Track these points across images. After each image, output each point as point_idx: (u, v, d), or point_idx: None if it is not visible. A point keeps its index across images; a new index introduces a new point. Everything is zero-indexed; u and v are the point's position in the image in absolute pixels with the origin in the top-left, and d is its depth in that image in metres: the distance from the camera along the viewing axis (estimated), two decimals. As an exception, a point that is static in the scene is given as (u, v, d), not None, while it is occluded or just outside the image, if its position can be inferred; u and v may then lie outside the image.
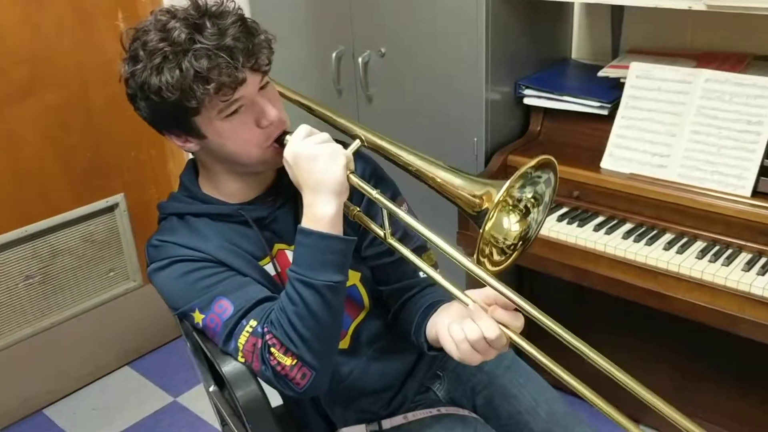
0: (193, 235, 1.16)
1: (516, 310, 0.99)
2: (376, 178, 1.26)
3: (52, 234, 2.31)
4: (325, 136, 1.09)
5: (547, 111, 2.06)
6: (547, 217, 1.03)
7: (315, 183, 1.06)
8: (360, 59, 2.17)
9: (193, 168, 1.24)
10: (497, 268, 1.02)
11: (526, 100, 2.06)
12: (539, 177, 1.00)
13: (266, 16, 2.44)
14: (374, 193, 1.08)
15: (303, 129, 1.09)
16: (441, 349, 1.09)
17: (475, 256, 0.97)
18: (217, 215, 1.18)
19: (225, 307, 1.11)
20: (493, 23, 1.90)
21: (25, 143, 2.19)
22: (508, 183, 0.94)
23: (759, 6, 1.52)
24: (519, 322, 0.99)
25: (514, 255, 1.03)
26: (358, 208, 1.15)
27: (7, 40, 2.08)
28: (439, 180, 1.05)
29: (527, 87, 2.05)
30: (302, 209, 1.09)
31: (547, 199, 1.02)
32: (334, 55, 2.24)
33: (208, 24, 1.04)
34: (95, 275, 2.47)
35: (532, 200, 1.02)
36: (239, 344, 1.10)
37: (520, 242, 1.03)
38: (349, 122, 1.17)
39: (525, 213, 1.03)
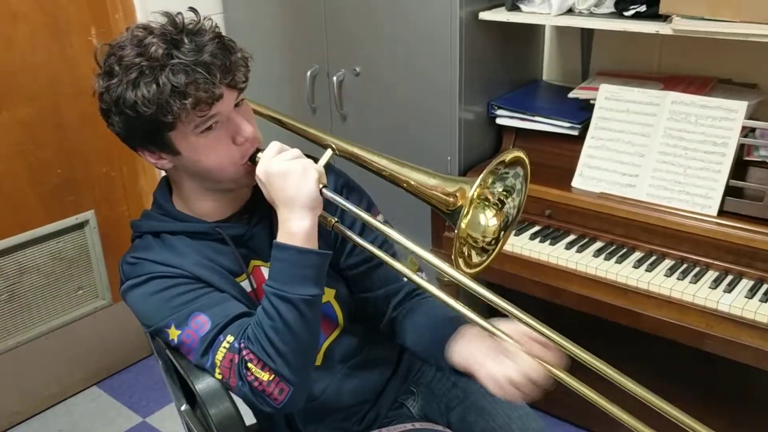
0: (169, 252, 1.16)
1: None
2: (348, 190, 1.28)
3: (20, 251, 2.27)
4: (296, 152, 1.10)
5: (519, 131, 2.09)
6: (516, 229, 1.07)
7: (288, 199, 1.06)
8: (335, 78, 2.19)
9: (167, 186, 1.24)
10: (475, 270, 1.03)
11: (499, 120, 2.09)
12: (506, 173, 1.03)
13: (240, 34, 2.46)
14: (348, 205, 1.09)
15: (274, 146, 1.10)
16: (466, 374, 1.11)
17: (453, 255, 0.99)
18: (195, 233, 1.18)
19: (202, 323, 1.11)
20: (466, 44, 1.93)
21: (-5, 158, 2.16)
22: (481, 176, 0.96)
23: (723, 31, 1.57)
24: (560, 358, 1.00)
25: (497, 248, 1.05)
26: (336, 219, 1.16)
27: (-22, 54, 2.06)
28: (413, 182, 1.07)
29: (499, 107, 2.08)
30: (277, 226, 1.09)
31: (518, 186, 1.05)
32: (308, 73, 2.25)
33: (185, 40, 1.05)
34: (63, 293, 2.42)
35: (504, 193, 1.05)
36: (216, 360, 1.10)
37: (502, 232, 1.04)
38: (320, 132, 1.19)
39: (500, 206, 1.05)
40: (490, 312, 1.01)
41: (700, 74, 1.97)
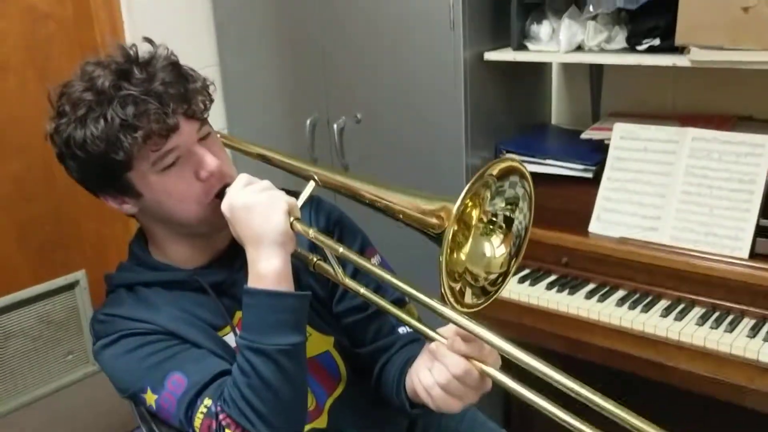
0: (142, 306, 1.05)
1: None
2: (341, 228, 1.17)
3: (5, 314, 2.15)
4: (266, 183, 1.00)
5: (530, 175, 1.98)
6: (524, 284, 0.94)
7: (255, 236, 0.96)
8: (335, 126, 2.10)
9: (142, 234, 1.14)
10: (473, 310, 0.90)
11: (508, 165, 1.99)
12: (501, 186, 0.90)
13: (237, 84, 2.40)
14: (324, 239, 0.96)
15: (241, 178, 1.00)
16: (423, 405, 0.96)
17: (440, 291, 0.85)
18: (170, 283, 1.07)
19: (178, 383, 0.99)
20: (471, 87, 1.85)
21: (-20, 215, 2.07)
22: (464, 190, 0.83)
23: (745, 60, 1.48)
24: (487, 352, 0.87)
25: (502, 287, 0.91)
26: (318, 257, 1.03)
27: (-34, 108, 1.99)
28: (396, 206, 0.94)
29: (509, 151, 1.98)
30: None
31: (523, 194, 0.92)
32: (308, 122, 2.17)
33: (135, 70, 0.97)
34: (52, 358, 2.29)
35: (508, 207, 0.92)
36: (195, 428, 0.97)
37: (512, 261, 0.91)
38: (302, 163, 1.09)
39: (507, 226, 0.92)
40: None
41: (719, 112, 1.87)
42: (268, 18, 2.20)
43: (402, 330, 1.14)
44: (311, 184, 1.06)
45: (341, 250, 0.96)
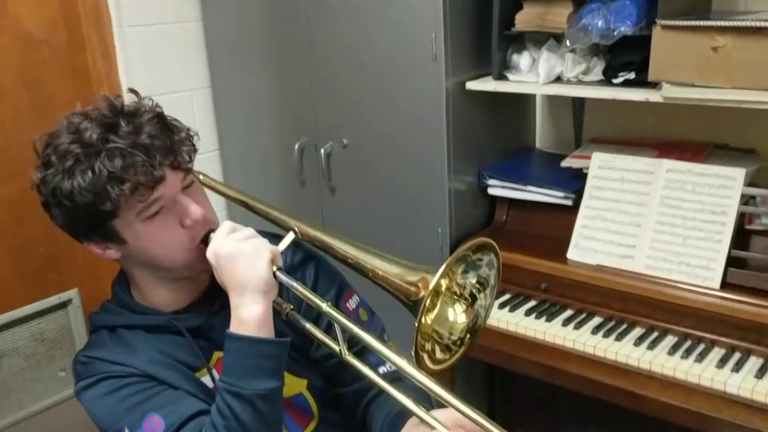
0: (121, 349, 1.08)
1: None
2: (317, 265, 1.20)
3: (-1, 333, 2.20)
4: (249, 231, 1.04)
5: (512, 201, 2.02)
6: (504, 309, 0.98)
7: (238, 283, 0.99)
8: (322, 150, 2.14)
9: (125, 277, 1.18)
10: (439, 367, 0.94)
11: (490, 190, 2.03)
12: (480, 260, 0.95)
13: (228, 107, 2.44)
14: (304, 291, 1.00)
15: (225, 226, 1.04)
16: None
17: (412, 351, 0.90)
18: (150, 326, 1.11)
19: (156, 425, 1.02)
20: (454, 114, 1.89)
21: (-24, 237, 2.11)
22: (443, 267, 0.88)
23: (714, 98, 1.52)
24: None
25: (461, 351, 0.96)
26: (291, 307, 1.07)
27: (-38, 132, 2.03)
28: (378, 271, 0.99)
29: (491, 177, 2.02)
30: None
31: (492, 281, 0.97)
32: (296, 145, 2.21)
33: (122, 123, 1.00)
34: (45, 376, 2.33)
35: (477, 285, 0.96)
36: None
37: (468, 335, 0.96)
38: (283, 214, 1.13)
39: (471, 301, 0.97)
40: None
41: (696, 139, 1.91)
42: (260, 44, 2.24)
43: (382, 369, 1.16)
44: (291, 235, 1.09)
45: (325, 307, 0.99)
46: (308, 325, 1.06)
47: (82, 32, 2.22)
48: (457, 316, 0.95)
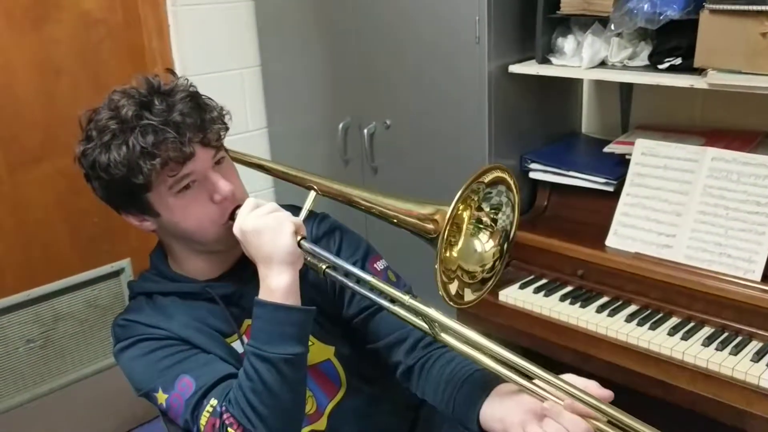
0: (158, 314, 1.14)
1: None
2: (341, 234, 1.24)
3: (55, 298, 2.31)
4: (272, 206, 1.08)
5: (553, 185, 2.01)
6: (539, 294, 1.04)
7: (265, 256, 1.04)
8: (366, 130, 2.17)
9: (162, 248, 1.23)
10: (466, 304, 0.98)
11: (532, 174, 2.02)
12: (490, 193, 0.99)
13: (277, 86, 2.49)
14: (328, 256, 1.05)
15: (248, 203, 1.08)
16: None
17: (440, 291, 0.93)
18: (185, 293, 1.16)
19: (187, 385, 1.08)
20: (496, 97, 1.89)
21: (36, 207, 2.21)
22: (460, 191, 0.92)
23: (761, 85, 1.47)
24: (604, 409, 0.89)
25: (501, 268, 1.01)
26: (327, 265, 1.08)
27: (24, 108, 2.13)
28: (391, 212, 1.05)
29: (533, 161, 2.01)
30: None
31: (508, 201, 1.01)
32: (341, 126, 2.24)
33: (156, 101, 1.05)
34: (97, 340, 2.44)
35: (494, 211, 1.01)
36: (200, 425, 1.06)
37: (504, 247, 1.01)
38: (302, 173, 1.17)
39: (493, 224, 1.02)
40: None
41: (746, 128, 1.86)
42: (308, 25, 2.27)
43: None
44: (312, 194, 1.13)
45: (345, 265, 1.04)
46: (345, 280, 1.07)
47: (138, 11, 2.29)
48: (485, 244, 0.99)
